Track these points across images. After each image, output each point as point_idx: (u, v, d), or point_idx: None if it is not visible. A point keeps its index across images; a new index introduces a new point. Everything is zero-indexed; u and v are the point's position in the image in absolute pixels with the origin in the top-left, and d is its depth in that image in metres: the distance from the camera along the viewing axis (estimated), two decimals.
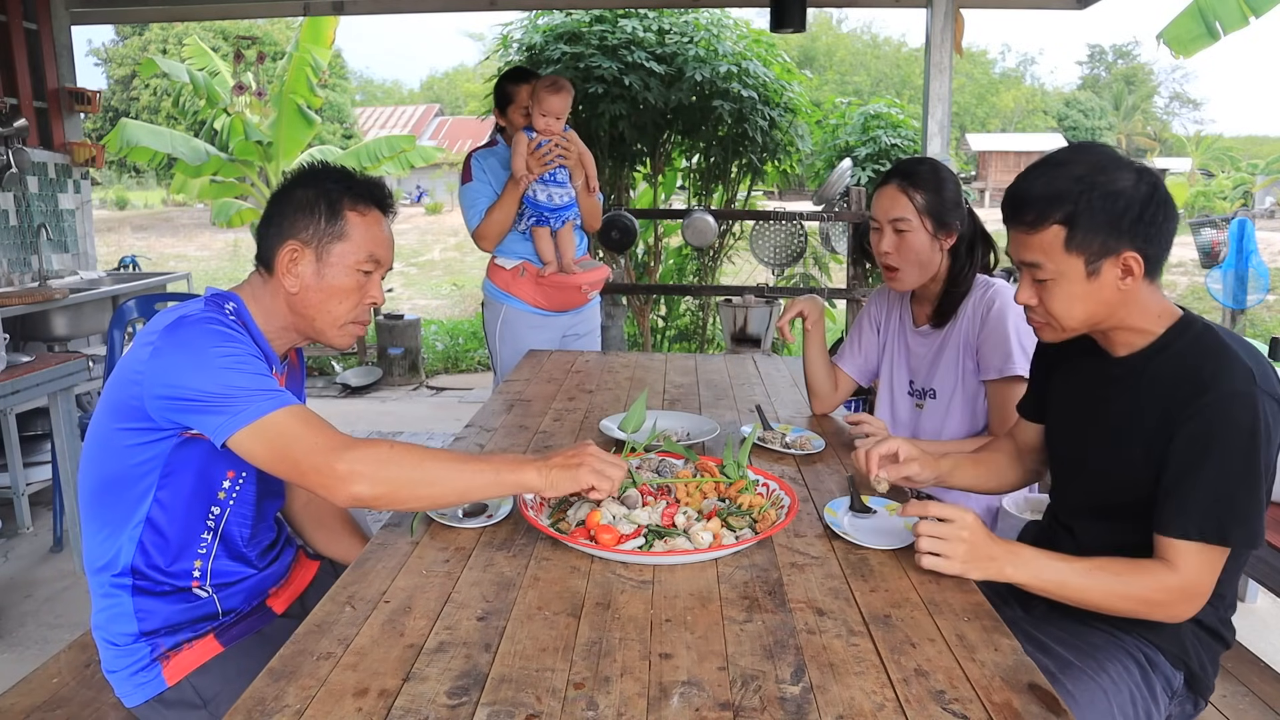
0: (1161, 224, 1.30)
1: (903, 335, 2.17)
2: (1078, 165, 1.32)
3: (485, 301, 3.29)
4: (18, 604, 3.09)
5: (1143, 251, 1.30)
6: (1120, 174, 1.29)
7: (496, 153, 3.13)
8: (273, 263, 1.46)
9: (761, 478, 1.57)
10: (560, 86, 2.91)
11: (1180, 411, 1.28)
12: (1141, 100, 41.05)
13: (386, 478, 1.28)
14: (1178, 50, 4.43)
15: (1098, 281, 1.32)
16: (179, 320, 1.34)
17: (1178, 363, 1.32)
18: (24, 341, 4.33)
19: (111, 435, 1.37)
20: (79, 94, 5.04)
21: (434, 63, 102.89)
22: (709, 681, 1.02)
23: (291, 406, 1.30)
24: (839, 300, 5.72)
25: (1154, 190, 1.29)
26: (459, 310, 11.05)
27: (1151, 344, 1.37)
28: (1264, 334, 8.49)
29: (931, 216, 1.95)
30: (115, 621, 1.43)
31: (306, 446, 1.27)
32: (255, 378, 1.31)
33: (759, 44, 6.30)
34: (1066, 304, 1.36)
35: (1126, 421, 1.38)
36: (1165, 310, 1.37)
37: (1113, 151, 1.34)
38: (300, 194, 1.46)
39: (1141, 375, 1.37)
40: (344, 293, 1.48)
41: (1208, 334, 1.33)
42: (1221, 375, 1.26)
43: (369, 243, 1.48)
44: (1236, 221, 6.75)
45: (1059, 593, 1.30)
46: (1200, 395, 1.26)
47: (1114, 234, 1.29)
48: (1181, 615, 1.31)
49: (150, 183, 27.47)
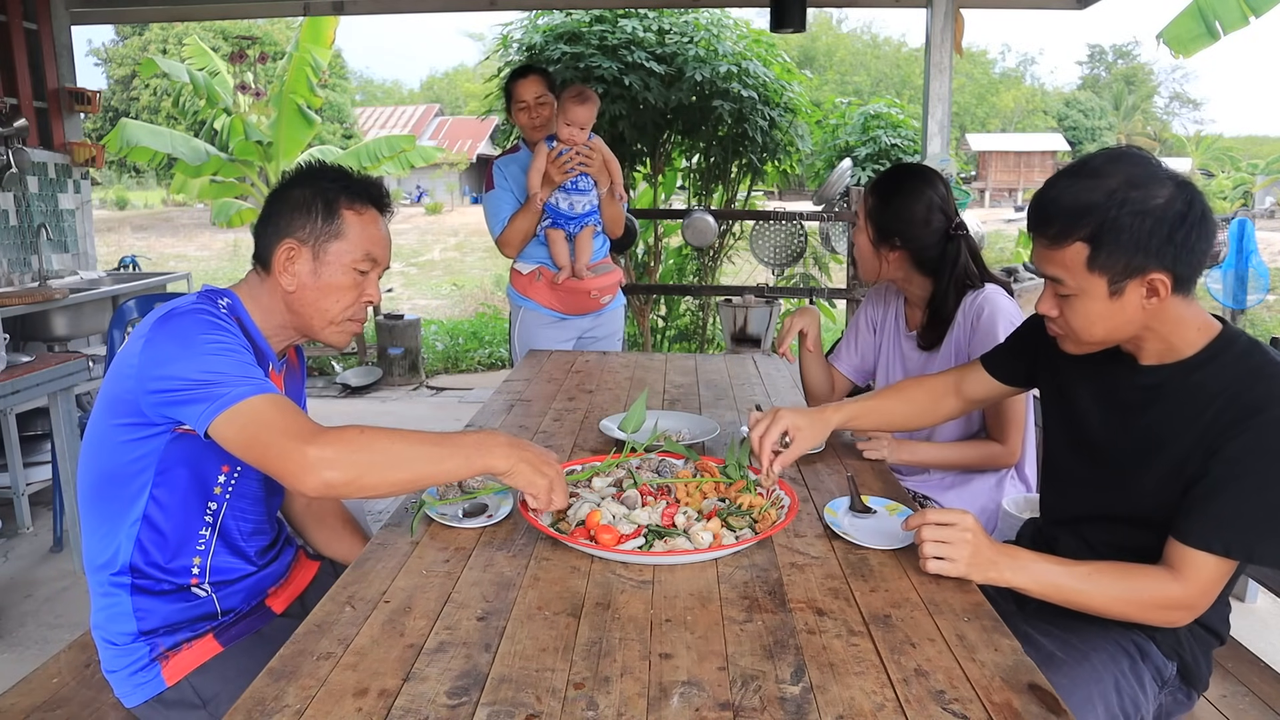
0: (1195, 244, 1.24)
1: (898, 338, 2.18)
2: (1111, 178, 1.25)
3: (510, 305, 3.36)
4: (18, 604, 3.09)
5: (1172, 271, 1.25)
6: (1154, 189, 1.23)
7: (518, 159, 3.14)
8: (270, 261, 1.46)
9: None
10: (585, 97, 2.91)
11: (1225, 430, 1.25)
12: (1141, 100, 41.06)
13: (355, 462, 1.25)
14: (1178, 50, 4.43)
15: (1120, 301, 1.28)
16: (169, 313, 1.35)
17: (1221, 380, 1.28)
18: (24, 341, 4.33)
19: (107, 431, 1.37)
20: (79, 94, 5.04)
21: (434, 63, 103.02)
22: (709, 681, 1.02)
23: (268, 394, 1.28)
24: (839, 300, 5.73)
25: (1189, 208, 1.23)
26: (459, 310, 11.05)
27: (1190, 358, 1.32)
28: (1264, 334, 8.50)
29: (873, 224, 1.99)
30: (114, 621, 1.43)
31: (277, 432, 1.24)
32: (239, 364, 1.30)
33: (759, 44, 6.30)
34: (1086, 321, 1.32)
35: (1159, 432, 1.35)
36: (1204, 324, 1.32)
37: (1149, 163, 1.27)
38: (297, 193, 1.46)
39: (1179, 388, 1.33)
40: (340, 291, 1.48)
41: (1255, 351, 1.29)
42: (1272, 397, 1.24)
43: (365, 241, 1.48)
44: (1236, 221, 6.76)
45: (1057, 597, 1.30)
46: (1251, 415, 1.23)
47: (1140, 254, 1.24)
48: (1178, 623, 1.31)
49: (150, 183, 27.49)
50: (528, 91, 3.07)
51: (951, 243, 1.97)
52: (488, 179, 3.18)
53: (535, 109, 3.08)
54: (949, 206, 1.99)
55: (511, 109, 3.15)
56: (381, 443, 1.27)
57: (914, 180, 1.98)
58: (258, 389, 1.28)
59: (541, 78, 3.12)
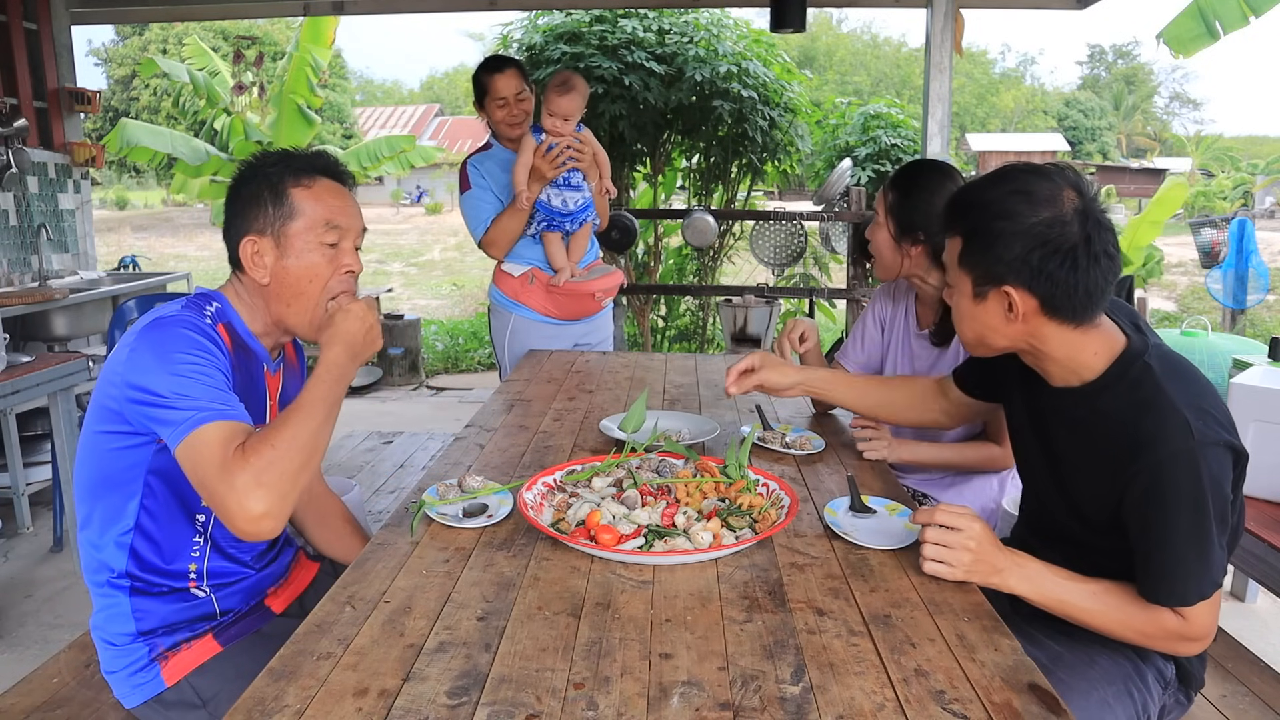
0: (1062, 275, 1.24)
1: (907, 337, 2.16)
2: (1010, 185, 1.28)
3: (492, 308, 3.12)
4: (18, 604, 3.09)
5: (1030, 292, 1.26)
6: (1041, 209, 1.24)
7: (492, 155, 2.97)
8: (240, 261, 1.45)
9: (761, 478, 1.57)
10: (570, 86, 2.72)
11: (1127, 467, 1.24)
12: (1141, 100, 41.05)
13: (274, 481, 1.21)
14: (1178, 50, 4.43)
15: (983, 306, 1.32)
16: (154, 321, 1.34)
17: (1117, 409, 1.28)
18: (24, 341, 4.33)
19: (97, 439, 1.37)
20: (79, 94, 5.04)
21: (434, 63, 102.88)
22: (709, 681, 1.02)
23: (218, 422, 1.24)
24: (839, 300, 5.72)
25: (1082, 242, 1.23)
26: (459, 310, 11.05)
27: (1090, 382, 1.32)
28: (1264, 334, 8.49)
29: (895, 219, 1.98)
30: (113, 622, 1.42)
31: (213, 470, 1.21)
32: (207, 389, 1.27)
33: (759, 44, 6.30)
34: (958, 316, 1.39)
35: (1072, 454, 1.37)
36: (1102, 348, 1.31)
37: (1060, 186, 1.26)
38: (245, 190, 1.45)
39: (1082, 412, 1.33)
40: (314, 270, 1.44)
41: (1147, 376, 1.27)
42: (1159, 434, 1.21)
43: (323, 211, 1.45)
44: (1236, 221, 6.77)
45: (1060, 610, 1.30)
46: (1141, 454, 1.22)
47: (1000, 264, 1.27)
48: (1185, 653, 1.31)
49: (150, 183, 27.49)
50: (507, 87, 2.86)
51: None
52: (463, 179, 2.97)
53: (515, 105, 2.88)
54: None
55: (486, 103, 2.91)
56: (283, 445, 1.24)
57: (935, 175, 1.98)
58: (212, 416, 1.24)
59: (519, 71, 2.91)
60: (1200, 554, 1.22)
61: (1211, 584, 1.24)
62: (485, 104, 2.93)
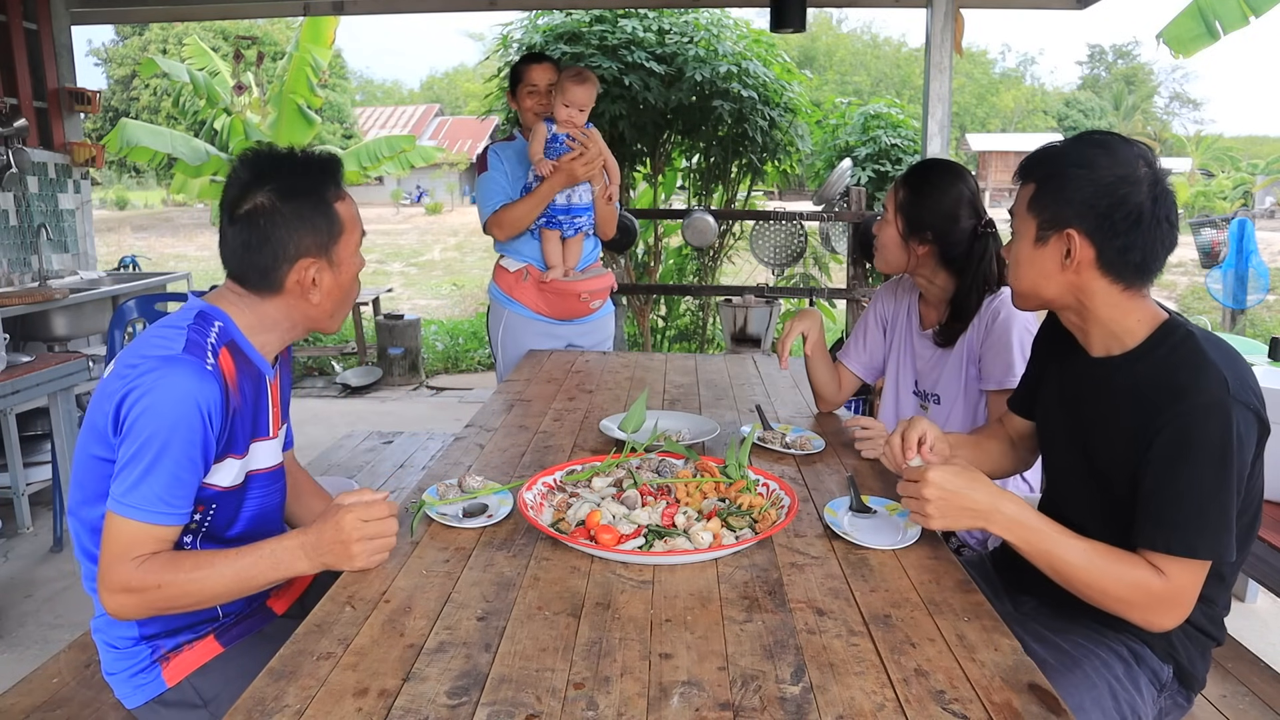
0: (1124, 230, 1.29)
1: (910, 336, 2.16)
2: (1087, 141, 1.34)
3: (490, 303, 3.25)
4: (18, 604, 3.09)
5: (1091, 240, 1.31)
6: (1117, 168, 1.29)
7: (514, 146, 3.10)
8: (280, 283, 1.40)
9: (761, 478, 1.57)
10: (585, 77, 2.89)
11: (1156, 419, 1.26)
12: (1141, 100, 41.03)
13: (146, 604, 1.30)
14: (1178, 50, 4.43)
15: (1042, 251, 1.36)
16: (161, 359, 1.29)
17: (1157, 370, 1.30)
18: (24, 341, 4.33)
19: (88, 462, 1.36)
20: (79, 94, 5.04)
21: (434, 63, 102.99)
22: (709, 681, 1.02)
23: (145, 524, 1.26)
24: (839, 300, 5.72)
25: (1150, 203, 1.28)
26: (459, 310, 11.05)
27: (1132, 350, 1.35)
28: (1264, 334, 8.49)
29: (904, 216, 1.97)
30: (115, 625, 1.42)
31: (112, 556, 1.27)
32: (165, 481, 1.26)
33: (759, 44, 6.30)
34: (1015, 263, 1.42)
35: (1103, 424, 1.37)
36: (1146, 316, 1.35)
37: (1137, 151, 1.32)
38: (286, 208, 1.38)
39: (1120, 380, 1.35)
40: (355, 278, 1.50)
41: (1188, 341, 1.30)
42: (1197, 384, 1.24)
43: (357, 221, 1.49)
44: (1236, 221, 6.77)
45: (1045, 561, 1.29)
46: (1174, 403, 1.24)
47: (1068, 208, 1.32)
48: (1161, 624, 1.29)
49: (150, 183, 27.49)
50: (542, 77, 3.03)
51: (979, 240, 1.96)
52: (481, 162, 3.12)
53: (545, 95, 3.04)
54: (978, 203, 1.98)
55: (518, 91, 3.08)
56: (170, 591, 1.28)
57: (946, 174, 1.98)
58: (145, 516, 1.26)
59: (554, 66, 3.11)
60: (1220, 509, 1.22)
61: (1219, 545, 1.23)
62: (518, 91, 3.10)
